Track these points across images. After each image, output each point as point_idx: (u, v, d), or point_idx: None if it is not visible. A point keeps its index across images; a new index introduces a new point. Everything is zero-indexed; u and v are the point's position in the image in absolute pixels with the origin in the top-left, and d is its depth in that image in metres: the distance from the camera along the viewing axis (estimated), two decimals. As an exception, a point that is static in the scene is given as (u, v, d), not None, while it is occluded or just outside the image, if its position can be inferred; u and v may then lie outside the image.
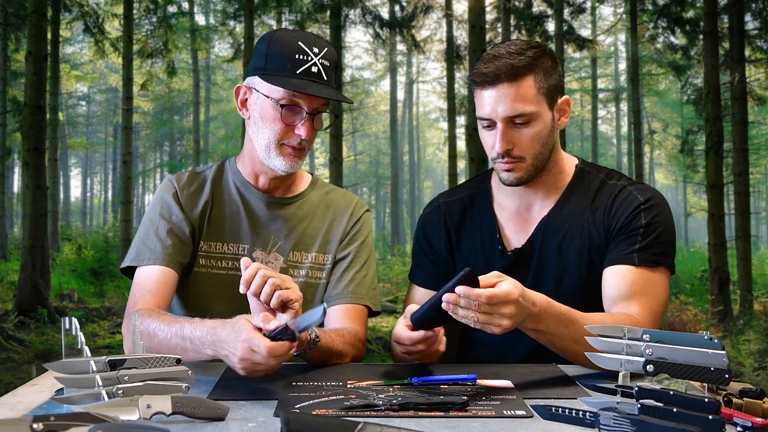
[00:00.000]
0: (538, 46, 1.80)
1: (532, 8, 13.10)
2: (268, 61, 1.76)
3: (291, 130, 1.77)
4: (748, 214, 10.68)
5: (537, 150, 1.79)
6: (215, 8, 20.33)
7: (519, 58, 1.74)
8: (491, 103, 1.75)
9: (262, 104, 1.79)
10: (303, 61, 1.73)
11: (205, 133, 22.99)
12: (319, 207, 1.96)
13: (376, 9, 13.81)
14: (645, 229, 1.77)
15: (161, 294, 1.77)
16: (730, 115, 10.86)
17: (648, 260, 1.75)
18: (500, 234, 1.92)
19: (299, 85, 1.71)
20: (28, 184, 9.22)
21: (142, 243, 1.84)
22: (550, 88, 1.78)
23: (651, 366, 1.22)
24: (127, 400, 1.16)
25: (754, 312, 10.41)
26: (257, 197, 1.91)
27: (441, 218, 2.00)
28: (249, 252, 1.88)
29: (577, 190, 1.89)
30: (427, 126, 39.09)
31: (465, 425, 1.20)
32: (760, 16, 11.94)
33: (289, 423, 1.06)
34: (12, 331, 8.63)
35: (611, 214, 1.83)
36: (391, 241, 23.79)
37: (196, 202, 1.89)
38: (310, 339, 1.62)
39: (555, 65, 1.81)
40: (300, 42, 1.75)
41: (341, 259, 1.93)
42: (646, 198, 1.82)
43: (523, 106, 1.74)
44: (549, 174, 1.88)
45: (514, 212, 1.93)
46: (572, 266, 1.85)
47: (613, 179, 1.90)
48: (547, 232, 1.87)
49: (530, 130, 1.77)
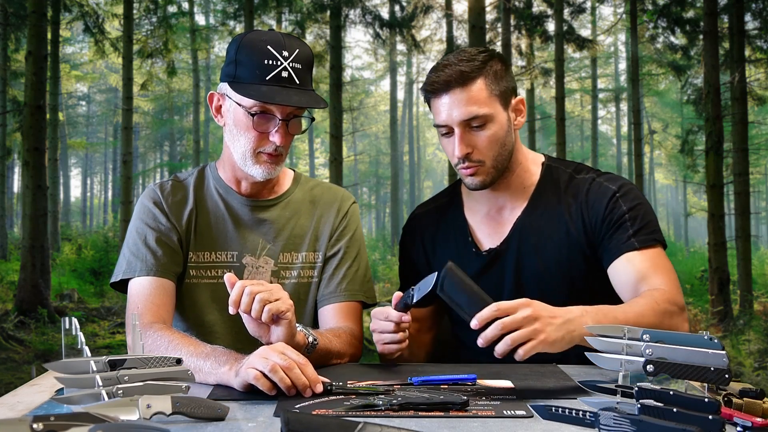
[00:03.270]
0: (487, 51, 1.85)
1: (532, 8, 13.10)
2: (237, 68, 1.72)
3: (265, 137, 1.74)
4: (748, 214, 10.68)
5: (496, 152, 1.82)
6: (215, 8, 20.32)
7: (468, 64, 1.79)
8: (446, 110, 1.80)
9: (235, 112, 1.75)
10: (272, 66, 1.69)
11: (205, 133, 22.96)
12: (304, 204, 1.93)
13: (376, 9, 13.80)
14: (630, 214, 1.81)
15: (165, 305, 1.75)
16: (730, 115, 10.86)
17: (646, 241, 1.79)
18: (472, 236, 1.95)
19: (267, 94, 1.67)
20: (28, 184, 9.22)
21: (132, 254, 1.80)
22: (502, 90, 1.82)
23: (651, 366, 1.22)
24: (127, 400, 1.16)
25: (754, 312, 10.41)
26: (240, 202, 1.88)
27: (416, 230, 2.05)
28: (238, 258, 1.85)
29: (547, 188, 1.91)
30: (427, 126, 39.06)
31: (465, 425, 1.20)
32: (760, 16, 11.93)
33: (289, 423, 1.06)
34: (12, 331, 8.63)
35: (588, 208, 1.85)
36: (391, 241, 23.76)
37: (181, 212, 1.86)
38: (308, 342, 1.61)
39: (505, 68, 1.85)
40: (269, 46, 1.70)
41: (332, 256, 1.91)
42: (618, 186, 1.86)
43: (477, 108, 1.78)
44: (513, 174, 1.91)
45: (485, 215, 1.95)
46: (553, 264, 1.86)
47: (582, 173, 1.92)
48: (523, 233, 1.89)
49: (486, 132, 1.80)
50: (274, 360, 1.37)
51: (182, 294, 1.85)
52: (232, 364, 1.46)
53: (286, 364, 1.37)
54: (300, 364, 1.39)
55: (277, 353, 1.39)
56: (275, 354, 1.39)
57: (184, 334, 1.67)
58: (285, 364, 1.37)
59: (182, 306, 1.86)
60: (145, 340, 1.62)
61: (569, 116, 23.09)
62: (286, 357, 1.38)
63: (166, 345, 1.59)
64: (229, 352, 1.52)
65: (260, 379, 1.37)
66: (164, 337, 1.61)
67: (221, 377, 1.46)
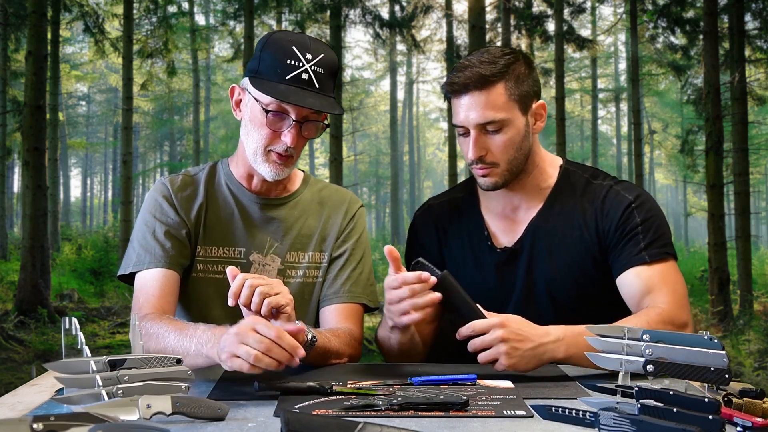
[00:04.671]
0: (512, 53, 1.83)
1: (532, 8, 13.10)
2: (260, 64, 1.73)
3: (277, 136, 1.74)
4: (748, 214, 10.68)
5: (511, 156, 1.82)
6: (215, 8, 20.33)
7: (489, 67, 1.77)
8: (463, 111, 1.79)
9: (252, 107, 1.76)
10: (294, 67, 1.69)
11: (205, 133, 22.98)
12: (312, 205, 1.94)
13: (376, 9, 13.81)
14: (643, 227, 1.80)
15: (166, 297, 1.75)
16: (730, 115, 10.86)
17: (657, 255, 1.78)
18: (488, 231, 1.95)
19: (283, 93, 1.67)
20: (28, 184, 9.22)
21: (141, 247, 1.81)
22: (522, 94, 1.80)
23: (651, 366, 1.22)
24: (127, 400, 1.16)
25: (754, 312, 10.41)
26: (250, 199, 1.89)
27: (431, 218, 2.03)
28: (246, 255, 1.86)
29: (563, 191, 1.91)
30: (427, 126, 39.07)
31: (465, 425, 1.20)
32: (760, 16, 11.93)
33: (289, 423, 1.06)
34: (12, 331, 8.63)
35: (603, 216, 1.85)
36: (391, 241, 23.78)
37: (191, 206, 1.86)
38: (307, 340, 1.61)
39: (529, 71, 1.83)
40: (294, 47, 1.71)
41: (337, 257, 1.92)
42: (635, 196, 1.85)
43: (493, 113, 1.77)
44: (530, 176, 1.90)
45: (500, 214, 1.95)
46: (564, 267, 1.86)
47: (599, 179, 1.92)
48: (537, 234, 1.89)
49: (502, 136, 1.80)
50: (253, 346, 1.38)
51: (188, 288, 1.86)
52: (213, 343, 1.48)
53: (264, 346, 1.38)
54: (275, 338, 1.39)
55: (251, 335, 1.39)
56: (250, 337, 1.39)
57: (171, 318, 1.68)
58: (263, 347, 1.38)
59: (188, 300, 1.87)
60: (145, 330, 1.63)
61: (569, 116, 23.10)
62: (261, 338, 1.39)
63: (156, 332, 1.61)
64: (210, 330, 1.53)
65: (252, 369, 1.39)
66: (154, 325, 1.63)
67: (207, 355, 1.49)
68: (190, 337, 1.54)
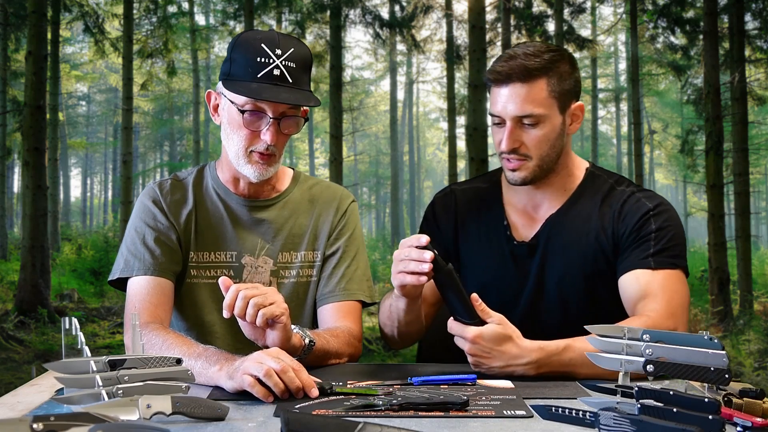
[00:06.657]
0: (558, 50, 1.83)
1: (532, 8, 13.09)
2: (232, 66, 1.73)
3: (257, 136, 1.73)
4: (748, 214, 10.67)
5: (544, 152, 1.81)
6: (215, 8, 20.30)
7: (534, 60, 1.77)
8: (502, 101, 1.79)
9: (229, 110, 1.75)
10: (264, 64, 1.69)
11: (205, 133, 22.95)
12: (303, 203, 1.93)
13: (376, 9, 13.78)
14: (656, 234, 1.79)
15: (162, 306, 1.75)
16: (730, 115, 10.84)
17: (663, 263, 1.77)
18: (508, 222, 1.95)
19: (256, 90, 1.67)
20: (28, 184, 9.21)
21: (129, 253, 1.80)
22: (562, 92, 1.80)
23: (651, 366, 1.22)
24: (127, 400, 1.16)
25: (754, 312, 10.40)
26: (238, 203, 1.88)
27: (452, 202, 2.03)
28: (238, 259, 1.85)
29: (586, 193, 1.91)
30: (427, 126, 39.05)
31: (465, 425, 1.21)
32: (760, 16, 11.92)
33: (289, 423, 1.06)
34: (12, 331, 8.63)
35: (620, 219, 1.84)
36: (391, 242, 23.75)
37: (180, 211, 1.86)
38: (305, 344, 1.61)
39: (572, 70, 1.83)
40: (263, 44, 1.70)
41: (331, 255, 1.91)
42: (655, 204, 1.84)
43: (532, 107, 1.77)
44: (557, 176, 1.90)
45: (521, 209, 1.95)
46: (576, 266, 1.86)
47: (622, 185, 1.92)
48: (553, 230, 1.89)
49: (538, 131, 1.79)
50: (269, 365, 1.37)
51: (182, 293, 1.85)
52: (222, 364, 1.46)
53: (280, 367, 1.37)
54: (294, 368, 1.39)
55: (271, 358, 1.39)
56: (270, 359, 1.39)
57: (178, 333, 1.67)
58: (279, 368, 1.37)
59: (182, 306, 1.86)
60: (147, 338, 1.62)
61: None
62: (280, 361, 1.38)
63: (161, 344, 1.60)
64: (220, 352, 1.52)
65: (255, 386, 1.36)
66: (159, 337, 1.61)
67: (211, 377, 1.46)
68: (197, 356, 1.52)
